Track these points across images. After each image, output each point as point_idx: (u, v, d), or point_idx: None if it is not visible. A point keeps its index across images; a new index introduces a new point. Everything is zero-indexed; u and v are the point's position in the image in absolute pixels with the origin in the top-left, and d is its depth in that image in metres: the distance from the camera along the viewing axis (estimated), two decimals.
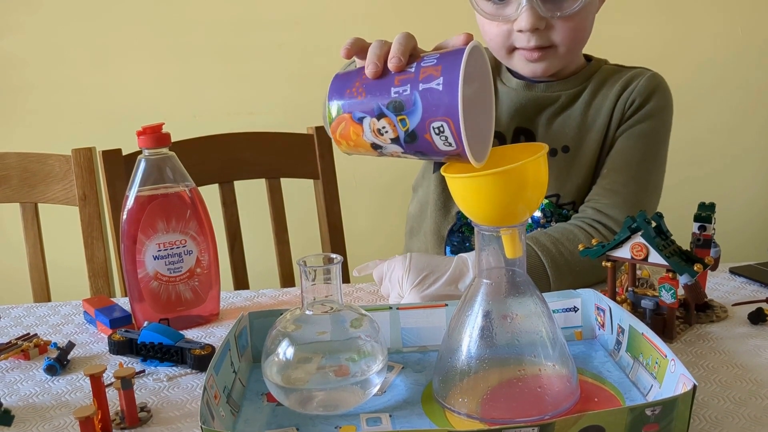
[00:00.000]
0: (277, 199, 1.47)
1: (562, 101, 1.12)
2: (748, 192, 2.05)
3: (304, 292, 0.73)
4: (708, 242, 0.90)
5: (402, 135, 0.68)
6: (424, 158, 0.72)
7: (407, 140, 0.68)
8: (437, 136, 0.66)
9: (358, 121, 0.70)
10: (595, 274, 0.98)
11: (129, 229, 0.93)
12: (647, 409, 0.61)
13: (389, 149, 0.71)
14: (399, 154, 0.72)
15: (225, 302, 1.05)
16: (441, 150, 0.68)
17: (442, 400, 0.71)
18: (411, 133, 0.68)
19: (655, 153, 1.12)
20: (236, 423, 0.70)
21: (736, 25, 1.95)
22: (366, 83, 0.70)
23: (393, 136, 0.69)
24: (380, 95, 0.69)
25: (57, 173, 1.35)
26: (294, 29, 1.90)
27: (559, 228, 1.05)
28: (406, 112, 0.67)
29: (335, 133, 0.73)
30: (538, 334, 0.71)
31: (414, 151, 0.70)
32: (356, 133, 0.71)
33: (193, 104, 1.93)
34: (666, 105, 1.14)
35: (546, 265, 0.97)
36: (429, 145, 0.68)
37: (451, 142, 0.66)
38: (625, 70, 1.16)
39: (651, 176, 1.11)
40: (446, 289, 0.92)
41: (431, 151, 0.69)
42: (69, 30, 1.90)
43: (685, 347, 0.83)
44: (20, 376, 0.84)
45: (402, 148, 0.70)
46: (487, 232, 0.70)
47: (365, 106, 0.69)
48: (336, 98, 0.71)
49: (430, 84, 0.66)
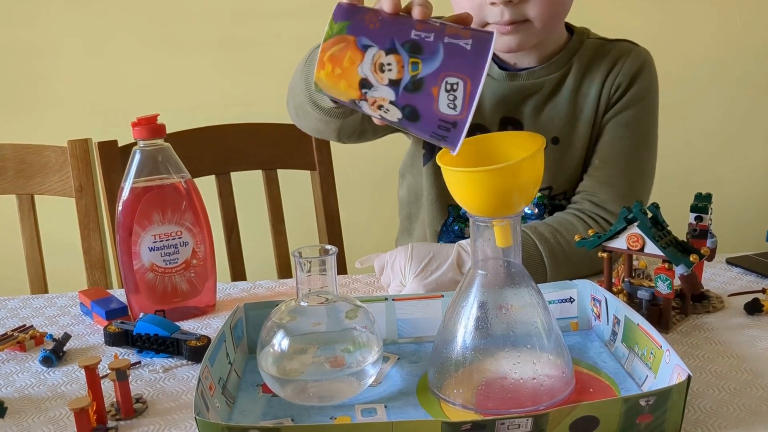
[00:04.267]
0: (273, 190, 1.47)
1: (547, 89, 1.09)
2: (745, 182, 2.05)
3: (300, 284, 0.73)
4: (704, 233, 0.90)
5: (407, 79, 0.64)
6: (404, 123, 0.67)
7: (409, 87, 0.64)
8: (446, 93, 0.63)
9: (362, 48, 0.65)
10: (592, 265, 0.98)
11: (124, 221, 0.93)
12: (641, 399, 0.61)
13: (376, 94, 0.65)
14: (378, 108, 0.66)
15: (221, 293, 1.05)
16: (438, 112, 0.64)
17: (437, 390, 0.71)
18: (418, 80, 0.64)
19: (645, 139, 1.11)
20: (232, 414, 0.70)
21: (735, 15, 1.95)
22: (383, 17, 0.66)
23: (395, 77, 0.64)
24: (398, 32, 0.65)
25: (53, 165, 1.35)
26: (292, 19, 1.89)
27: (558, 218, 1.05)
28: (422, 57, 0.64)
29: (325, 53, 0.66)
30: (534, 324, 0.71)
31: (404, 104, 0.65)
32: (352, 60, 0.66)
33: (190, 95, 1.92)
34: (651, 86, 1.11)
35: (543, 254, 0.97)
36: (429, 102, 0.64)
37: (457, 104, 0.63)
38: (608, 45, 1.11)
39: (644, 164, 1.11)
40: (449, 275, 0.93)
41: (425, 111, 0.65)
42: (64, 20, 1.89)
43: (681, 338, 0.83)
44: (16, 368, 0.84)
45: (393, 96, 0.65)
46: (482, 223, 0.70)
47: (377, 36, 0.65)
48: (343, 18, 0.66)
49: (457, 41, 0.64)
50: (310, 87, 0.91)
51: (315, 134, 1.09)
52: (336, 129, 1.00)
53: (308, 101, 0.94)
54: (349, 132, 1.04)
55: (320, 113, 0.95)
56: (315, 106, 0.94)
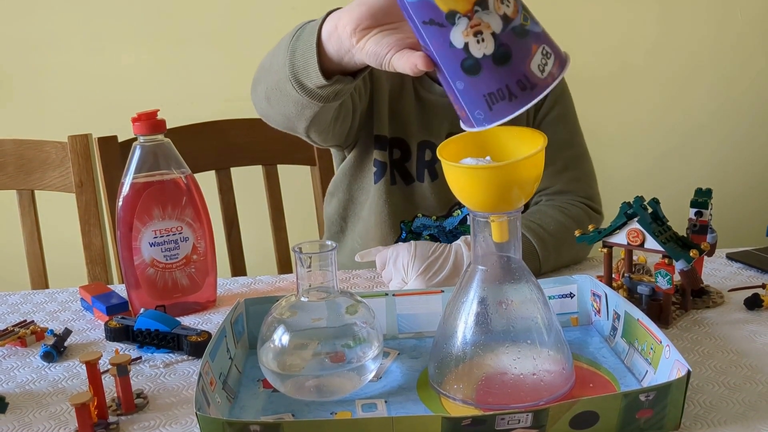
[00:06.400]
0: (274, 185, 1.47)
1: None
2: (746, 177, 2.05)
3: (300, 279, 0.73)
4: (704, 228, 0.90)
5: (518, 21, 0.63)
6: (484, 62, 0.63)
7: (517, 30, 0.63)
8: (542, 56, 0.64)
9: None
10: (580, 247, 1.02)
11: (125, 216, 0.93)
12: (641, 394, 0.61)
13: (486, 18, 0.62)
14: (475, 34, 0.63)
15: (222, 289, 1.05)
16: (528, 67, 0.63)
17: (437, 386, 0.72)
18: (526, 30, 0.63)
19: (575, 127, 1.21)
20: (232, 409, 0.71)
21: (735, 8, 1.94)
22: None
23: (510, 14, 0.63)
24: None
25: (53, 160, 1.35)
26: (291, 15, 1.89)
27: (529, 210, 1.13)
28: (531, 17, 0.64)
29: None
30: (534, 320, 0.71)
31: (504, 42, 0.63)
32: None
33: (190, 91, 1.92)
34: (564, 82, 1.21)
35: (527, 235, 1.01)
36: (525, 54, 0.63)
37: (545, 71, 0.63)
38: None
39: (582, 148, 1.21)
40: (450, 277, 0.94)
41: (517, 59, 0.63)
42: (65, 15, 1.89)
43: (680, 333, 0.83)
44: (17, 363, 0.84)
45: (500, 29, 0.62)
46: (482, 219, 0.70)
47: None
48: None
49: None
50: (303, 58, 0.83)
51: (282, 125, 1.01)
52: (309, 117, 0.93)
53: (289, 78, 0.85)
54: (321, 125, 1.00)
55: (301, 93, 0.86)
56: (298, 84, 0.85)
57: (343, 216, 1.23)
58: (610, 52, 1.94)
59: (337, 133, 1.09)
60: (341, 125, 1.08)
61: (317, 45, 0.79)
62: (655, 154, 2.00)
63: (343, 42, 0.74)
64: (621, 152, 1.98)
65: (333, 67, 0.80)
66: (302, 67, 0.83)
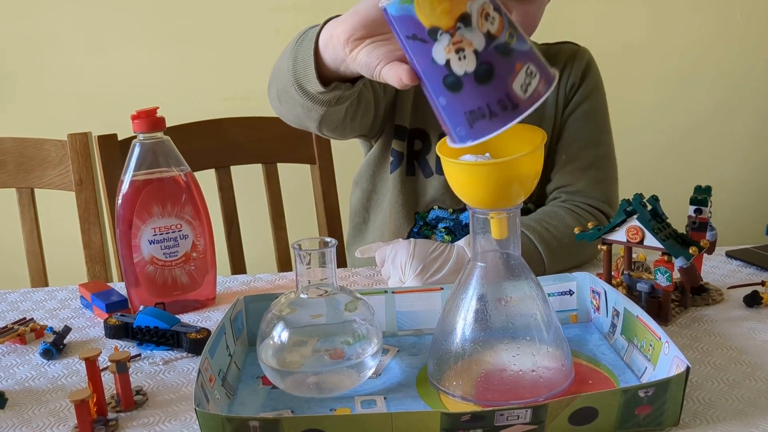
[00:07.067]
0: (273, 183, 1.47)
1: None
2: (745, 175, 2.05)
3: (299, 276, 0.73)
4: (704, 225, 0.90)
5: (502, 40, 0.62)
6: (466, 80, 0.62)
7: (500, 48, 0.62)
8: (525, 75, 0.62)
9: None
10: (587, 252, 1.00)
11: (124, 214, 0.93)
12: (640, 390, 0.61)
13: (469, 36, 0.61)
14: (457, 51, 0.62)
15: (221, 287, 1.05)
16: (510, 86, 0.62)
17: (436, 382, 0.72)
18: (510, 48, 0.62)
19: (604, 126, 1.19)
20: (231, 406, 0.71)
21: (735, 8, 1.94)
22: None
23: (494, 32, 0.62)
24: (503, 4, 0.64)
25: (53, 158, 1.35)
26: (291, 13, 1.89)
27: (541, 211, 1.08)
28: (517, 34, 0.63)
29: None
30: (533, 317, 0.71)
31: (486, 60, 0.62)
32: None
33: (190, 89, 1.92)
34: (599, 79, 1.20)
35: (535, 242, 0.99)
36: (508, 73, 0.62)
37: (528, 90, 0.62)
38: (553, 48, 1.20)
39: (608, 148, 1.19)
40: (449, 278, 0.93)
41: (500, 78, 0.62)
42: (64, 14, 1.89)
43: (680, 330, 0.83)
44: (16, 360, 0.84)
45: (483, 47, 0.62)
46: (482, 215, 0.70)
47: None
48: None
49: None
50: (303, 64, 0.85)
51: (295, 123, 1.03)
52: (317, 119, 0.95)
53: (293, 84, 0.88)
54: (332, 125, 1.01)
55: (304, 98, 0.88)
56: (300, 89, 0.88)
57: (366, 207, 1.24)
58: (610, 51, 1.94)
59: (356, 127, 1.10)
60: (362, 119, 1.09)
61: (315, 53, 0.80)
62: (655, 152, 2.00)
63: (338, 52, 0.74)
64: (621, 150, 1.97)
65: (331, 74, 0.81)
66: (303, 74, 0.84)
